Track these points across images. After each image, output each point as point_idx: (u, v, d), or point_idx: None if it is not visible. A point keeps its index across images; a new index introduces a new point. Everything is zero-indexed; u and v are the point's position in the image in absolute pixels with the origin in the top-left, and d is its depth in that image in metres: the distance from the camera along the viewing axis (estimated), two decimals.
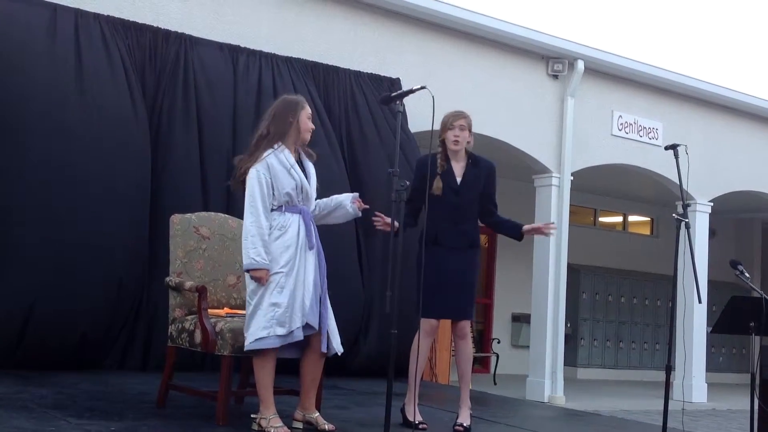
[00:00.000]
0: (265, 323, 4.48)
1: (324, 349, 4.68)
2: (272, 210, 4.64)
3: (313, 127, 4.88)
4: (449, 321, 5.58)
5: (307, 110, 4.81)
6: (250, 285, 4.58)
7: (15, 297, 6.24)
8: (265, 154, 4.62)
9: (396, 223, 4.70)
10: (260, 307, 4.51)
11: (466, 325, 5.44)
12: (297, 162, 4.73)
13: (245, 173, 4.64)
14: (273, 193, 4.62)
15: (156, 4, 7.77)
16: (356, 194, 5.11)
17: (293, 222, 4.64)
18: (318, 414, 4.81)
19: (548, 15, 34.53)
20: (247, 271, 4.55)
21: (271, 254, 4.55)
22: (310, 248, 4.67)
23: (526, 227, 5.48)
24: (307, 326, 4.58)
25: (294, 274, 4.57)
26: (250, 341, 4.50)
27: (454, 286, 5.32)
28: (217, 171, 7.41)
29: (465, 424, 5.33)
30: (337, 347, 4.76)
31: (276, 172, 4.61)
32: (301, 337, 4.57)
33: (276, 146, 4.66)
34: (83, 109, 6.69)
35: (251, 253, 4.50)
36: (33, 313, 6.26)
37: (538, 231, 5.58)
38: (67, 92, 6.67)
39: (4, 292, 6.23)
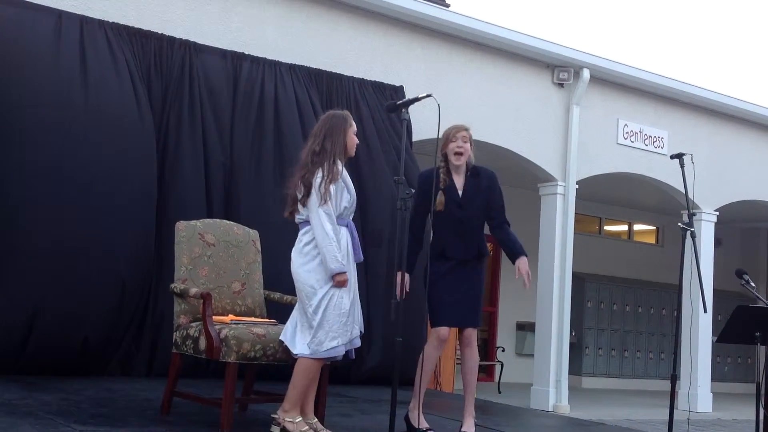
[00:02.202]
0: (334, 333, 4.63)
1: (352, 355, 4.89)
2: None
3: (358, 141, 4.97)
4: (453, 329, 5.59)
5: (353, 126, 4.91)
6: (313, 299, 4.62)
7: (19, 302, 6.25)
8: (335, 170, 4.69)
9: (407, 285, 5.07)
10: (327, 318, 4.61)
11: (472, 333, 5.46)
12: None
13: (310, 185, 4.66)
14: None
15: (163, 11, 7.78)
16: None
17: (343, 235, 4.75)
18: (316, 420, 4.84)
19: (554, 23, 34.59)
20: (334, 275, 4.61)
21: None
22: (357, 260, 4.83)
23: (518, 263, 5.41)
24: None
25: (351, 284, 4.72)
26: (321, 350, 4.60)
27: (463, 297, 5.37)
28: (219, 178, 7.44)
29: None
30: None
31: (340, 187, 4.73)
32: (359, 344, 4.82)
33: (340, 163, 4.76)
34: (88, 115, 6.71)
35: (338, 256, 4.61)
36: (36, 318, 6.27)
37: (520, 272, 5.46)
38: (72, 98, 6.68)
39: (8, 296, 6.25)
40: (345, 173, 4.81)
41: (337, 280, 4.62)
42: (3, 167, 6.41)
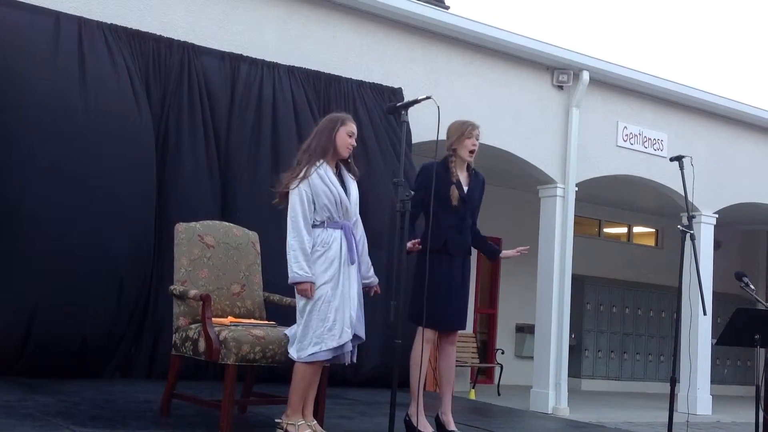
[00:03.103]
0: (317, 339, 4.62)
1: (353, 360, 4.86)
2: (314, 226, 4.74)
3: (354, 143, 4.93)
4: None
5: (348, 127, 4.88)
6: (300, 302, 4.69)
7: (18, 302, 6.25)
8: (306, 170, 4.73)
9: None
10: (310, 323, 4.63)
11: (456, 333, 5.54)
12: (338, 177, 4.84)
13: (287, 187, 4.75)
14: (314, 209, 4.72)
15: (163, 13, 7.79)
16: (376, 283, 5.15)
17: (335, 238, 4.75)
18: (315, 422, 4.83)
19: (553, 26, 34.61)
20: (293, 284, 4.65)
21: (316, 269, 4.66)
22: (352, 263, 4.80)
23: (503, 254, 5.62)
24: (354, 336, 4.77)
25: (340, 288, 4.70)
26: (303, 355, 4.63)
27: (459, 296, 5.40)
28: (217, 180, 7.44)
29: (456, 431, 5.42)
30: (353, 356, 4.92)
31: (316, 187, 4.71)
32: (351, 348, 4.76)
33: (318, 162, 4.77)
34: (87, 115, 6.71)
35: (294, 267, 4.61)
36: (35, 319, 6.27)
37: (516, 252, 5.62)
38: (71, 98, 6.68)
39: (7, 297, 6.24)
40: (328, 173, 4.77)
41: (298, 290, 4.63)
42: (1, 168, 6.41)
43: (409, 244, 5.10)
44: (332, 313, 4.64)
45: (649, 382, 15.68)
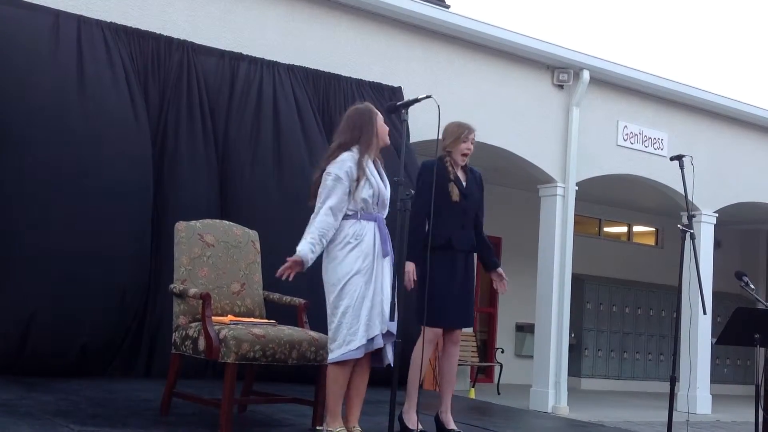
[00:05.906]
0: (350, 337, 4.51)
1: (388, 361, 4.67)
2: (348, 217, 4.65)
3: (388, 129, 4.92)
4: None
5: (381, 116, 4.91)
6: (330, 296, 4.60)
7: (18, 304, 6.24)
8: (343, 156, 4.65)
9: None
10: (343, 322, 4.52)
11: (460, 332, 5.55)
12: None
13: (322, 174, 4.67)
14: (350, 198, 4.63)
15: (163, 12, 7.79)
16: None
17: (368, 230, 4.65)
18: (359, 429, 4.71)
19: (554, 25, 34.60)
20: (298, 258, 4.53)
21: (348, 261, 4.57)
22: (385, 255, 4.68)
23: (495, 274, 5.65)
24: (388, 334, 4.59)
25: (372, 282, 4.60)
26: (337, 354, 4.52)
27: (464, 293, 5.42)
28: (216, 179, 7.44)
29: (456, 429, 5.42)
30: (390, 357, 4.72)
31: (354, 176, 4.62)
32: (382, 344, 4.59)
33: (355, 152, 4.69)
34: (85, 115, 6.70)
35: (306, 241, 4.51)
36: (35, 321, 6.26)
37: (503, 281, 5.68)
38: (69, 97, 6.68)
39: (7, 298, 6.24)
40: (369, 166, 4.71)
41: (288, 260, 4.50)
42: None
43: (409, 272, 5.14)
44: (366, 310, 4.53)
45: (648, 381, 15.68)
